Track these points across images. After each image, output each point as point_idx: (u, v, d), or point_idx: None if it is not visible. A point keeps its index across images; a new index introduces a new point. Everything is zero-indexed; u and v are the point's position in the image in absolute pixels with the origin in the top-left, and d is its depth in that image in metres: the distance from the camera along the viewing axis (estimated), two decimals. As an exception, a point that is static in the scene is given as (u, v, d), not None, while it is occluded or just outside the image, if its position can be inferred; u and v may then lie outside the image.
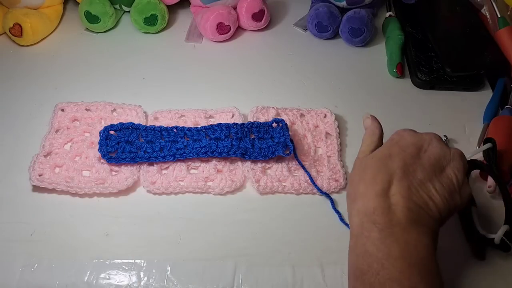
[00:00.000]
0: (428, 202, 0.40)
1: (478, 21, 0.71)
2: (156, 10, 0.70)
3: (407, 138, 0.44)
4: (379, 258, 0.37)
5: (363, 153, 0.46)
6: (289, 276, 0.47)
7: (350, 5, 0.70)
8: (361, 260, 0.38)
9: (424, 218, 0.40)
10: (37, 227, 0.50)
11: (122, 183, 0.52)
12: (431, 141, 0.44)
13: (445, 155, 0.43)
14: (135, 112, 0.59)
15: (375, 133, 0.47)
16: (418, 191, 0.40)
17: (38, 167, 0.53)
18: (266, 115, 0.59)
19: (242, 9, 0.71)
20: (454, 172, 0.42)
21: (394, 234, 0.38)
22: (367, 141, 0.47)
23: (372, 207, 0.39)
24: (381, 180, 0.40)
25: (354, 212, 0.41)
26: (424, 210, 0.40)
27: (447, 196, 0.41)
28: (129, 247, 0.49)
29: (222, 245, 0.49)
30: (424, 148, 0.43)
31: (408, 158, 0.42)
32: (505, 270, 0.48)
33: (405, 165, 0.41)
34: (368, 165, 0.43)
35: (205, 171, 0.54)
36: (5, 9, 0.70)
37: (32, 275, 0.46)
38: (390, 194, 0.40)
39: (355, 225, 0.40)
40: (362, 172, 0.43)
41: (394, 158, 0.42)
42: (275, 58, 0.70)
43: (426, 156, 0.42)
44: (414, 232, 0.38)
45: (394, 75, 0.67)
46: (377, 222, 0.39)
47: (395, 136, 0.45)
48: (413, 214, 0.39)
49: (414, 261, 0.37)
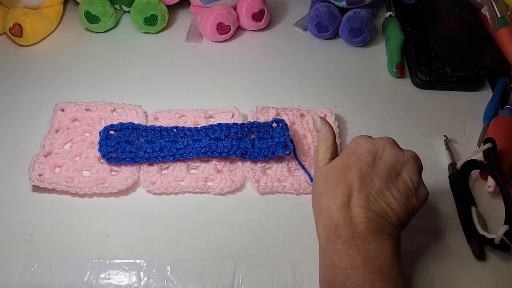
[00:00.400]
0: (387, 210, 0.42)
1: (478, 21, 0.71)
2: (156, 10, 0.70)
3: (362, 146, 0.45)
4: (344, 268, 0.39)
5: (321, 162, 0.47)
6: (289, 276, 0.47)
7: (350, 5, 0.70)
8: (328, 272, 0.40)
9: (385, 225, 0.41)
10: (37, 227, 0.50)
11: (122, 183, 0.52)
12: (385, 146, 0.45)
13: (399, 159, 0.44)
14: (135, 112, 0.59)
15: (328, 138, 0.48)
16: (377, 200, 0.42)
17: (38, 167, 0.53)
18: (266, 115, 0.59)
19: (242, 9, 0.71)
20: (409, 176, 0.44)
21: (356, 245, 0.40)
22: (321, 148, 0.48)
23: (335, 221, 0.41)
24: (341, 193, 0.42)
25: (320, 226, 0.43)
26: (384, 218, 0.41)
27: (404, 201, 0.42)
28: (129, 247, 0.49)
29: (222, 245, 0.49)
30: (379, 155, 0.44)
31: (364, 167, 0.43)
32: (505, 270, 0.48)
33: (362, 175, 0.42)
34: (328, 178, 0.44)
35: (205, 171, 0.54)
36: (5, 9, 0.70)
37: (32, 275, 0.46)
38: (351, 206, 0.41)
39: (321, 239, 0.42)
40: (323, 184, 0.44)
41: (352, 169, 0.43)
42: (275, 58, 0.70)
43: (381, 162, 0.44)
44: (375, 241, 0.40)
45: (394, 75, 0.67)
46: (340, 235, 0.40)
47: (352, 144, 0.46)
48: (374, 224, 0.41)
49: (376, 268, 0.39)
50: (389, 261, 0.40)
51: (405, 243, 0.46)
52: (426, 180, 0.54)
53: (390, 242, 0.41)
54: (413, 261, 0.48)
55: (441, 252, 0.49)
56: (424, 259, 0.48)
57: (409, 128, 0.61)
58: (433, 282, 0.47)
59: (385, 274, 0.39)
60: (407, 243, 0.46)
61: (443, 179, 0.55)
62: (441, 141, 0.59)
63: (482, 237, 0.48)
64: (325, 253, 0.41)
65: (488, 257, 0.49)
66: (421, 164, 0.45)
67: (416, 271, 0.48)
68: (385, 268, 0.39)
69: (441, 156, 0.58)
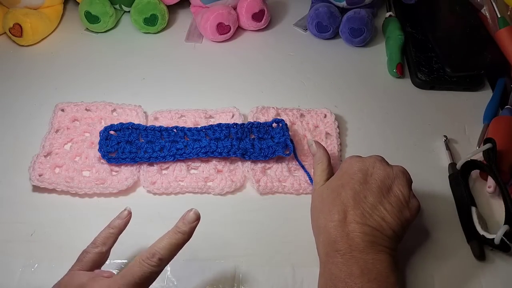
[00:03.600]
0: (382, 223, 0.44)
1: (478, 21, 0.71)
2: (156, 10, 0.70)
3: (354, 165, 0.47)
4: (342, 278, 0.41)
5: (318, 184, 0.49)
6: (289, 276, 0.47)
7: (350, 5, 0.70)
8: (328, 282, 0.42)
9: (380, 238, 0.43)
10: (37, 227, 0.50)
11: (122, 183, 0.52)
12: (375, 164, 0.47)
13: (389, 175, 0.46)
14: (135, 112, 0.59)
15: (323, 161, 0.51)
16: (372, 215, 0.44)
17: (38, 167, 0.53)
18: (266, 115, 0.59)
19: (242, 9, 0.71)
20: (400, 189, 0.46)
21: (354, 257, 0.42)
22: (317, 171, 0.51)
23: (333, 238, 0.43)
24: (337, 211, 0.44)
25: (320, 244, 0.45)
26: (379, 231, 0.43)
27: (397, 214, 0.44)
28: (129, 247, 0.49)
29: (222, 245, 0.49)
30: (370, 172, 0.46)
31: (357, 186, 0.45)
32: (505, 270, 0.48)
33: (356, 193, 0.45)
34: (324, 198, 0.47)
35: (205, 171, 0.54)
36: (5, 9, 0.70)
37: (32, 275, 0.46)
38: (347, 222, 0.44)
39: (321, 255, 0.45)
40: (320, 204, 0.47)
41: (345, 188, 0.45)
42: (275, 58, 0.70)
43: (372, 179, 0.46)
44: (371, 252, 0.42)
45: (394, 75, 0.67)
46: (339, 250, 0.43)
47: (344, 165, 0.48)
48: (370, 237, 0.43)
49: (373, 277, 0.41)
50: (386, 270, 0.42)
51: (405, 243, 0.46)
52: (426, 180, 0.55)
53: (386, 253, 0.43)
54: (413, 261, 0.48)
55: (441, 252, 0.49)
56: (424, 259, 0.48)
57: (409, 128, 0.61)
58: (432, 282, 0.47)
59: (382, 282, 0.41)
60: (407, 243, 0.46)
61: (443, 179, 0.55)
62: (441, 141, 0.59)
63: (482, 237, 0.48)
64: (325, 266, 0.43)
65: (488, 257, 0.49)
66: (410, 178, 0.47)
67: (416, 271, 0.48)
68: (382, 276, 0.41)
69: (441, 156, 0.58)
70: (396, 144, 0.59)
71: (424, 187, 0.54)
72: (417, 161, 0.57)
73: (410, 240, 0.48)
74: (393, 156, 0.55)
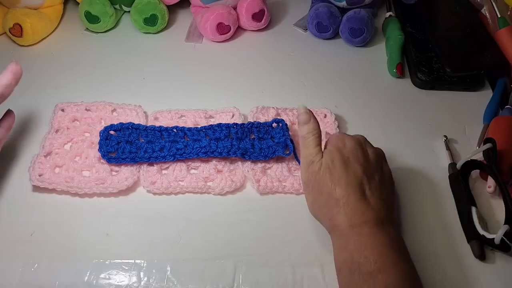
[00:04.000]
0: (387, 199, 0.47)
1: (478, 21, 0.71)
2: (156, 10, 0.70)
3: (347, 142, 0.48)
4: (374, 248, 0.42)
5: (317, 155, 0.48)
6: (289, 276, 0.47)
7: (350, 5, 0.70)
8: (356, 254, 0.42)
9: (390, 212, 0.47)
10: (37, 227, 0.50)
11: (122, 183, 0.52)
12: (365, 142, 0.50)
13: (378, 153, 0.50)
14: (135, 112, 0.59)
15: (319, 134, 0.49)
16: (382, 191, 0.46)
17: (38, 167, 0.53)
18: (266, 115, 0.59)
19: (242, 9, 0.71)
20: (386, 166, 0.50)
21: (381, 228, 0.44)
22: (312, 142, 0.48)
23: (360, 210, 0.44)
24: (356, 184, 0.45)
25: (339, 215, 0.45)
26: (390, 206, 0.47)
27: (391, 188, 0.49)
28: (129, 247, 0.49)
29: (222, 245, 0.49)
30: (365, 150, 0.49)
31: (362, 162, 0.47)
32: (505, 270, 0.48)
33: (364, 170, 0.46)
34: (335, 170, 0.46)
35: (205, 171, 0.54)
36: (5, 9, 0.70)
37: (32, 275, 0.46)
38: (367, 197, 0.45)
39: (343, 226, 0.44)
40: (331, 176, 0.46)
41: (354, 164, 0.47)
42: (275, 58, 0.70)
43: (370, 157, 0.48)
44: (390, 225, 0.45)
45: (394, 75, 0.67)
46: (367, 220, 0.44)
47: (336, 141, 0.48)
48: (386, 212, 0.46)
49: (399, 247, 0.44)
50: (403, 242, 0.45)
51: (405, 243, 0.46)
52: (426, 180, 0.55)
53: (395, 226, 0.46)
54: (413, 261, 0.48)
55: (441, 252, 0.49)
56: (424, 259, 0.48)
57: (409, 128, 0.61)
58: (433, 282, 0.47)
59: (406, 253, 0.44)
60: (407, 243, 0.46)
61: (443, 179, 0.55)
62: (441, 141, 0.59)
63: (482, 237, 0.48)
64: (349, 238, 0.43)
65: (488, 257, 0.49)
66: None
67: (416, 271, 0.48)
68: (404, 248, 0.45)
69: (441, 156, 0.58)
70: (396, 144, 0.59)
71: (424, 187, 0.54)
72: (417, 161, 0.57)
73: (410, 240, 0.48)
74: (393, 156, 0.56)
